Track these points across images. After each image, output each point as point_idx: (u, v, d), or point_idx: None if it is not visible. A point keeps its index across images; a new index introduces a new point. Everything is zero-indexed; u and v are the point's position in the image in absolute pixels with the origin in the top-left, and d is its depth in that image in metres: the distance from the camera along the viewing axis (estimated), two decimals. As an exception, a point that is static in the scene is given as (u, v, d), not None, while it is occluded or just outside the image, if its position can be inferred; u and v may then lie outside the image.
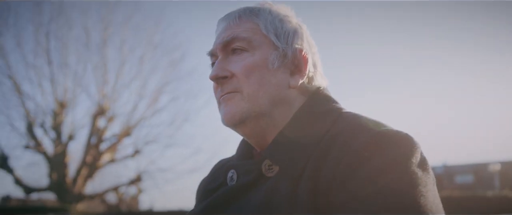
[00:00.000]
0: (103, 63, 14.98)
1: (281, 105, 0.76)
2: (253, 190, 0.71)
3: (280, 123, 0.76)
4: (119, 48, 15.43)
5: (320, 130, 0.72)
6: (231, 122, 0.76)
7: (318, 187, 0.65)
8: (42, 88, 14.30)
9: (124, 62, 15.41)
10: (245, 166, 0.76)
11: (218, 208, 0.74)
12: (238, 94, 0.76)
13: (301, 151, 0.70)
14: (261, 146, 0.79)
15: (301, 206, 0.64)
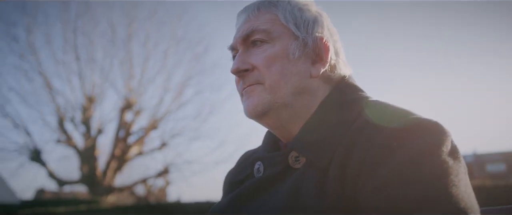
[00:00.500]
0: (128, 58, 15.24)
1: (304, 95, 0.76)
2: (280, 182, 0.71)
3: (303, 113, 0.76)
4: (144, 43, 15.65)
5: (347, 120, 0.71)
6: (253, 114, 0.76)
7: (346, 178, 0.64)
8: (71, 84, 14.68)
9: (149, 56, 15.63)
10: (272, 158, 0.76)
11: (245, 200, 0.74)
12: (260, 86, 0.75)
13: (327, 141, 0.69)
14: (286, 137, 0.78)
15: (329, 197, 0.63)
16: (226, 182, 0.89)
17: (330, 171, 0.66)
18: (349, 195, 0.63)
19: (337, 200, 0.63)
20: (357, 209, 0.62)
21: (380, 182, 0.60)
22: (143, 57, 15.55)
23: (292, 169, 0.72)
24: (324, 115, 0.74)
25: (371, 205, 0.60)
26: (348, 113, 0.72)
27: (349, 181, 0.63)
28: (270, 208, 0.68)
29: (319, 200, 0.64)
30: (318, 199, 0.64)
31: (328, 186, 0.64)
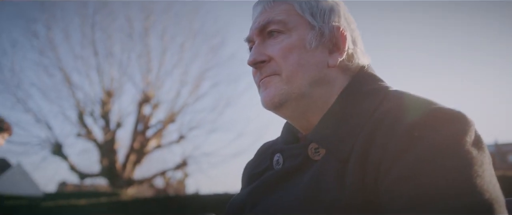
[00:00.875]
0: (146, 52, 15.37)
1: (321, 85, 0.75)
2: (300, 174, 0.70)
3: (322, 104, 0.75)
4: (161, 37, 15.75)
5: (367, 110, 0.70)
6: (270, 105, 0.75)
7: (366, 169, 0.63)
8: (90, 79, 14.90)
9: (166, 50, 15.74)
10: (291, 150, 0.76)
11: (265, 192, 0.74)
12: (277, 77, 0.75)
13: (347, 132, 0.68)
14: (305, 127, 0.78)
15: (349, 188, 0.62)
16: (245, 174, 0.89)
17: (350, 163, 0.65)
18: (370, 187, 0.62)
19: (357, 192, 0.62)
20: (378, 201, 0.61)
21: (401, 174, 0.59)
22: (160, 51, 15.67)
23: (311, 161, 0.71)
24: (343, 105, 0.73)
25: (392, 196, 0.59)
26: (368, 103, 0.71)
27: (370, 173, 0.62)
28: (290, 200, 0.67)
29: (339, 191, 0.63)
30: (338, 190, 0.63)
31: (348, 177, 0.63)
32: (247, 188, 0.79)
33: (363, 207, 0.61)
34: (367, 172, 0.63)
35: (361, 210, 0.61)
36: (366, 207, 0.61)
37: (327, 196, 0.64)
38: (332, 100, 0.75)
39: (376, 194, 0.61)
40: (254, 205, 0.73)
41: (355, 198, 0.62)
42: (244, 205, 0.76)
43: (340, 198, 0.62)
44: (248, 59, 0.77)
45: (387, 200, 0.59)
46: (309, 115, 0.76)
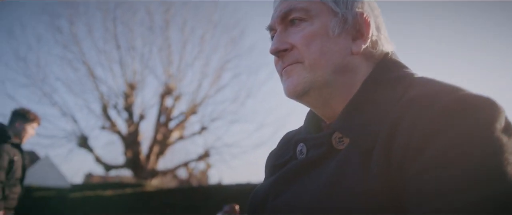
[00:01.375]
0: (167, 44, 15.49)
1: (345, 73, 0.74)
2: (324, 164, 0.69)
3: (345, 92, 0.74)
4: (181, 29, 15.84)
5: (392, 97, 0.68)
6: (293, 93, 0.74)
7: (392, 158, 0.61)
8: (113, 72, 15.13)
9: (186, 42, 15.83)
10: (314, 139, 0.75)
11: (288, 182, 0.73)
12: (300, 65, 0.74)
13: (372, 120, 0.67)
14: (329, 116, 0.77)
15: (374, 178, 0.61)
16: (268, 164, 0.89)
17: (375, 151, 0.63)
18: (396, 176, 0.60)
19: (383, 181, 0.60)
20: (404, 190, 0.60)
21: (428, 161, 0.57)
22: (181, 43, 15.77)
23: (335, 150, 0.70)
24: (367, 93, 0.72)
25: (419, 185, 0.57)
26: (393, 90, 0.69)
27: (396, 162, 0.61)
28: (314, 189, 0.67)
29: (364, 181, 0.62)
30: (363, 180, 0.62)
31: (373, 166, 0.62)
32: (270, 178, 0.79)
33: (389, 196, 0.60)
34: (393, 161, 0.61)
35: (386, 199, 0.60)
36: (392, 196, 0.60)
37: (352, 186, 0.63)
38: (356, 88, 0.74)
39: (403, 183, 0.60)
40: (277, 195, 0.73)
41: (381, 187, 0.60)
42: (267, 195, 0.75)
43: (365, 188, 0.61)
44: (270, 47, 0.77)
45: (413, 188, 0.58)
46: (333, 103, 0.74)
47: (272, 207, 0.73)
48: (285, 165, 0.79)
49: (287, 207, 0.69)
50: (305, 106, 0.80)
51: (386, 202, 0.60)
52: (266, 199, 0.75)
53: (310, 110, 0.84)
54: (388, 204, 0.60)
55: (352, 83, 0.74)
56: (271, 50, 0.76)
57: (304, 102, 0.77)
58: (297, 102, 0.78)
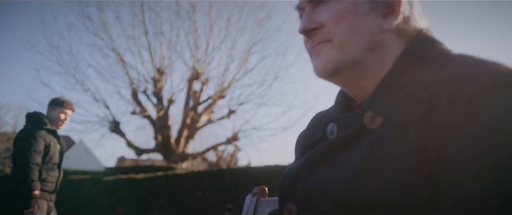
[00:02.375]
0: (194, 28, 15.53)
1: (376, 51, 0.71)
2: (356, 143, 0.68)
3: (377, 71, 0.71)
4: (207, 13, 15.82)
5: (427, 75, 0.65)
6: (323, 73, 0.73)
7: (428, 138, 0.59)
8: (142, 58, 15.33)
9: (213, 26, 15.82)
10: (345, 119, 0.73)
11: (319, 162, 0.72)
12: (329, 44, 0.72)
13: (406, 99, 0.64)
14: (360, 96, 0.75)
15: (409, 158, 0.59)
16: (298, 145, 0.88)
17: (409, 130, 0.61)
18: (431, 156, 0.58)
19: (417, 161, 0.58)
20: (440, 171, 0.57)
21: (466, 142, 0.55)
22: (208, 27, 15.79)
23: (367, 130, 0.68)
24: (400, 71, 0.69)
25: (456, 166, 0.55)
26: (427, 67, 0.66)
27: (432, 141, 0.58)
28: (346, 170, 0.65)
29: (398, 161, 0.60)
30: (397, 160, 0.60)
31: (407, 146, 0.60)
32: (301, 158, 0.78)
33: (424, 176, 0.58)
34: (429, 140, 0.59)
35: (421, 179, 0.58)
36: (427, 176, 0.58)
37: (385, 166, 0.61)
38: (387, 66, 0.71)
39: (439, 163, 0.57)
40: (309, 175, 0.72)
41: (415, 167, 0.58)
42: (298, 176, 0.75)
43: (399, 168, 0.59)
44: (299, 27, 0.75)
45: (451, 170, 0.56)
46: (363, 82, 0.72)
47: (304, 187, 0.72)
48: (315, 145, 0.78)
49: (320, 187, 0.69)
50: (334, 87, 0.79)
51: (422, 181, 0.58)
52: (297, 179, 0.74)
53: (341, 90, 0.82)
54: (423, 182, 0.58)
55: (383, 61, 0.71)
56: (300, 30, 0.75)
57: (334, 82, 0.76)
58: (326, 83, 0.77)
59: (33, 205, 3.53)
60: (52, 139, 3.83)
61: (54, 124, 3.91)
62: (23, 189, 3.52)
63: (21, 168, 3.56)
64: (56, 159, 3.86)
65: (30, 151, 3.60)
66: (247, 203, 1.97)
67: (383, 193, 0.59)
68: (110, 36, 15.09)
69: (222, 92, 15.52)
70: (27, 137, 3.67)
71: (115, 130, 15.10)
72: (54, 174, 3.82)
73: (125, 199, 9.46)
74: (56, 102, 3.94)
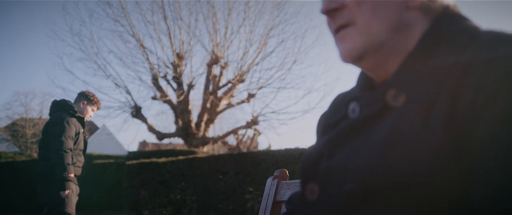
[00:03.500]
0: (212, 12, 15.49)
1: (401, 31, 0.68)
2: (378, 122, 0.66)
3: (402, 51, 0.69)
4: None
5: (454, 52, 0.62)
6: (348, 59, 0.71)
7: (455, 118, 0.56)
8: (161, 43, 15.42)
9: (231, 9, 15.75)
10: (368, 97, 0.71)
11: (341, 142, 0.71)
12: (353, 28, 0.70)
13: (431, 76, 0.62)
14: (384, 77, 0.73)
15: (435, 137, 0.57)
16: (320, 125, 0.86)
17: (435, 108, 0.59)
18: (458, 134, 0.56)
19: (443, 140, 0.56)
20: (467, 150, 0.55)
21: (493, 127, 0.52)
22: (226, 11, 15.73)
23: (391, 108, 0.66)
24: (425, 48, 0.66)
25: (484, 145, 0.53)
26: (454, 45, 0.64)
27: (458, 123, 0.56)
28: (369, 149, 0.64)
29: (423, 140, 0.58)
30: (423, 139, 0.58)
31: (433, 124, 0.58)
32: (322, 138, 0.77)
33: (450, 156, 0.56)
34: (456, 122, 0.56)
35: (447, 159, 0.56)
36: (453, 155, 0.56)
37: (410, 145, 0.59)
38: (412, 45, 0.69)
39: (465, 142, 0.56)
40: (331, 155, 0.71)
41: (442, 147, 0.56)
42: (319, 156, 0.74)
43: (424, 147, 0.57)
44: (321, 7, 0.73)
45: (478, 149, 0.54)
46: (389, 63, 0.70)
47: (326, 167, 0.71)
48: (337, 125, 0.76)
49: (343, 166, 0.67)
50: (354, 69, 0.77)
51: (448, 161, 0.56)
52: (319, 159, 0.74)
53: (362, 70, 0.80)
54: (450, 162, 0.56)
55: (409, 40, 0.69)
56: (322, 10, 0.73)
57: (359, 66, 0.74)
58: (346, 66, 0.75)
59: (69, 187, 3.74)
60: (80, 126, 4.06)
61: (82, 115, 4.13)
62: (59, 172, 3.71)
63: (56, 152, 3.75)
64: (82, 145, 4.08)
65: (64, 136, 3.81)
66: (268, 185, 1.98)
67: (408, 172, 0.58)
68: (130, 22, 15.19)
69: (241, 76, 15.52)
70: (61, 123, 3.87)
71: (136, 115, 15.32)
72: (81, 159, 4.05)
73: (147, 182, 9.64)
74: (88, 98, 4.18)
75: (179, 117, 15.33)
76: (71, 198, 3.77)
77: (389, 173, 0.59)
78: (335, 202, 0.67)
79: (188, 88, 15.27)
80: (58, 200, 3.71)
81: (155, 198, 9.19)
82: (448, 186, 0.56)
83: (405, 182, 0.58)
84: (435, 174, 0.56)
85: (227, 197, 7.93)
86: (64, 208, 3.72)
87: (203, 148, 15.29)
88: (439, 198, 0.56)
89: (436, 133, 0.57)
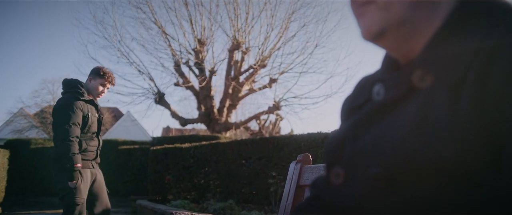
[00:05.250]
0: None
1: (425, 7, 0.65)
2: (404, 104, 0.64)
3: (427, 29, 0.66)
4: (246, -19, 15.61)
5: (483, 30, 0.60)
6: (369, 35, 0.68)
7: (486, 97, 0.54)
8: (183, 29, 15.47)
9: (252, -6, 15.62)
10: (393, 79, 0.69)
11: (365, 125, 0.69)
12: (373, 5, 0.67)
13: (459, 55, 0.59)
14: (409, 57, 0.71)
15: (464, 120, 0.55)
16: (344, 109, 0.85)
17: (464, 90, 0.56)
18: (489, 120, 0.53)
19: (473, 124, 0.54)
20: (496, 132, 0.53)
21: None
22: (247, -4, 15.61)
23: (417, 89, 0.63)
24: (453, 26, 0.64)
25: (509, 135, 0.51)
26: (484, 21, 0.61)
27: (489, 103, 0.53)
28: (395, 132, 0.62)
29: (452, 123, 0.55)
30: (451, 122, 0.56)
31: (462, 107, 0.55)
32: (347, 122, 0.76)
33: (479, 139, 0.54)
34: (487, 102, 0.54)
35: (476, 142, 0.54)
36: (482, 138, 0.54)
37: (437, 128, 0.57)
38: (438, 22, 0.66)
39: (494, 126, 0.54)
40: (356, 138, 0.70)
41: (470, 129, 0.54)
42: (344, 139, 0.73)
43: (453, 130, 0.55)
44: None
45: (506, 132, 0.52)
46: (413, 42, 0.67)
47: (351, 150, 0.70)
48: (361, 108, 0.75)
49: (368, 150, 0.66)
50: (377, 52, 0.75)
51: (477, 145, 0.54)
52: (343, 143, 0.73)
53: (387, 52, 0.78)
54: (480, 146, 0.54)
55: (434, 18, 0.66)
56: None
57: (381, 45, 0.71)
58: (369, 49, 0.73)
59: (76, 177, 3.64)
60: (90, 108, 3.85)
61: (91, 94, 3.91)
62: (65, 163, 3.61)
63: (61, 142, 3.63)
64: (95, 128, 3.89)
65: (69, 124, 3.64)
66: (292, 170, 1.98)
67: (436, 155, 0.56)
68: (152, 9, 15.28)
69: (263, 61, 15.46)
70: (65, 109, 3.68)
71: (160, 101, 15.50)
72: (94, 143, 3.89)
73: (172, 167, 9.80)
74: (97, 72, 3.91)
75: (202, 103, 15.44)
76: (80, 187, 3.65)
77: (416, 156, 0.58)
78: (360, 186, 0.66)
79: (210, 74, 15.33)
80: (68, 190, 3.63)
81: (179, 183, 9.34)
82: (477, 169, 0.54)
83: (433, 165, 0.56)
84: (463, 157, 0.54)
85: (250, 182, 7.99)
86: (73, 198, 3.63)
87: (226, 133, 15.39)
88: (467, 181, 0.55)
89: (465, 116, 0.55)
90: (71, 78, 3.97)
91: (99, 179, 3.95)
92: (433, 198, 0.57)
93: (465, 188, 0.55)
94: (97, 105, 3.96)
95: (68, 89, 3.86)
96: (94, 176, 3.91)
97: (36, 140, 16.03)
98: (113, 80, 4.01)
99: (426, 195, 0.57)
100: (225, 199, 7.88)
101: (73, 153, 3.61)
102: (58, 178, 3.72)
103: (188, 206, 7.31)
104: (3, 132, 28.34)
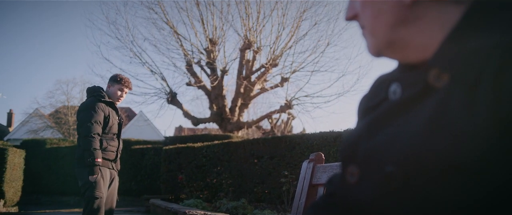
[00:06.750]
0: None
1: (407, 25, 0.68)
2: (421, 103, 0.63)
3: (419, 39, 0.68)
4: (257, -20, 15.62)
5: (499, 27, 0.59)
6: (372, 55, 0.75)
7: (502, 96, 0.53)
8: (194, 29, 15.54)
9: (263, -7, 15.62)
10: (409, 78, 0.68)
11: (382, 125, 0.69)
12: (365, 29, 0.72)
13: (476, 53, 0.58)
14: (424, 57, 0.70)
15: (481, 119, 0.54)
16: (360, 108, 0.85)
17: (481, 88, 0.55)
18: (505, 121, 0.52)
19: (490, 123, 0.53)
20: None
21: None
22: (258, -5, 15.61)
23: (433, 88, 0.63)
24: (468, 24, 0.63)
25: None
26: (500, 19, 0.60)
27: (507, 103, 0.52)
28: (411, 131, 0.62)
29: (469, 122, 0.55)
30: (468, 121, 0.55)
31: (478, 105, 0.55)
32: (363, 121, 0.76)
33: (496, 138, 0.53)
34: (501, 98, 0.53)
35: (493, 141, 0.54)
36: (499, 138, 0.53)
37: (454, 127, 0.57)
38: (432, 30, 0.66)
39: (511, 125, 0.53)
40: (371, 137, 0.70)
41: (487, 128, 0.53)
42: (359, 138, 0.73)
43: (470, 129, 0.55)
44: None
45: None
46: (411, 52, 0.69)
47: (365, 149, 0.70)
48: (377, 107, 0.75)
49: (383, 148, 0.66)
50: None
51: (494, 143, 0.54)
52: (359, 142, 0.73)
53: None
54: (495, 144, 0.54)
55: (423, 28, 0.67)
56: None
57: (389, 58, 0.75)
58: None
59: (96, 172, 3.85)
60: (111, 110, 4.12)
61: (111, 98, 4.20)
62: (87, 157, 3.83)
63: (84, 138, 3.88)
64: (115, 129, 4.15)
65: (91, 121, 3.90)
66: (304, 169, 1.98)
67: (452, 154, 0.56)
68: (164, 9, 15.38)
69: (274, 60, 15.46)
70: (88, 109, 3.96)
71: (172, 101, 15.60)
72: (114, 144, 4.12)
73: (184, 166, 9.86)
74: (115, 79, 4.23)
75: (214, 102, 15.50)
76: (100, 182, 3.86)
77: (432, 155, 0.58)
78: (375, 184, 0.66)
79: (221, 74, 15.38)
80: (88, 184, 3.84)
81: (192, 182, 9.39)
82: (494, 169, 0.54)
83: (449, 165, 0.56)
84: (480, 157, 0.54)
85: (263, 181, 8.00)
86: (93, 192, 3.84)
87: (238, 133, 15.42)
88: (484, 181, 0.54)
89: (482, 115, 0.55)
90: (93, 85, 4.27)
91: (114, 184, 4.15)
92: (448, 198, 0.56)
93: (481, 188, 0.54)
94: (117, 109, 4.22)
95: (91, 94, 4.16)
96: (113, 177, 4.10)
97: (51, 140, 16.26)
98: (130, 85, 4.34)
99: (441, 194, 0.57)
100: (237, 198, 7.90)
101: (94, 148, 3.83)
102: (80, 175, 3.92)
103: (200, 205, 7.36)
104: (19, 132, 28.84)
